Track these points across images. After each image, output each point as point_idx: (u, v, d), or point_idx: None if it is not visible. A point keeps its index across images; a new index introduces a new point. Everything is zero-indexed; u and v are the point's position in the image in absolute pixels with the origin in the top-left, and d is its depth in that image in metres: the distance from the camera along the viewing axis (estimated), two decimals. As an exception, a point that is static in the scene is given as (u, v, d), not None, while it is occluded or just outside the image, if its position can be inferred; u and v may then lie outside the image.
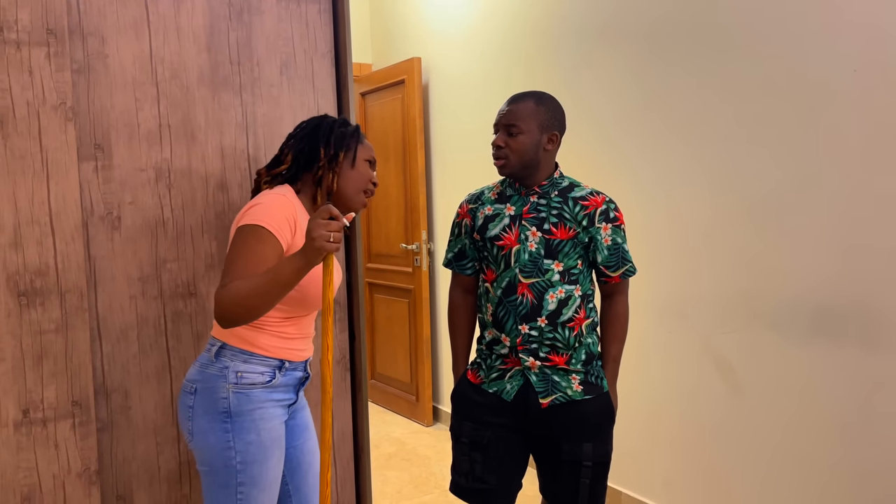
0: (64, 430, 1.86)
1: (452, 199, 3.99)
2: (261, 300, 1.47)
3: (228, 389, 1.62)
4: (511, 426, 1.92)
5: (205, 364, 1.66)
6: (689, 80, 2.57)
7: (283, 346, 1.69)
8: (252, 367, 1.65)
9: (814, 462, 2.25)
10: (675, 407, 2.71)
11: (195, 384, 1.65)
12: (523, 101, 1.88)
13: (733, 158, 2.44)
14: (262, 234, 1.57)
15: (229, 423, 1.61)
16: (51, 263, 1.84)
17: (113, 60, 1.92)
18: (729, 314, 2.48)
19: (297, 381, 1.75)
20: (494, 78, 3.59)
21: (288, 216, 1.61)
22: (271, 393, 1.67)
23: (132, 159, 1.95)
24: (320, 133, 1.74)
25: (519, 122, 1.85)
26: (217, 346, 1.66)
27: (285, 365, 1.70)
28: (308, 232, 1.44)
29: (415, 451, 3.81)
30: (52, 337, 1.84)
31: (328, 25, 2.22)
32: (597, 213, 1.89)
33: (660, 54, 2.67)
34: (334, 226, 1.43)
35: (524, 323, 1.86)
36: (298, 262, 1.46)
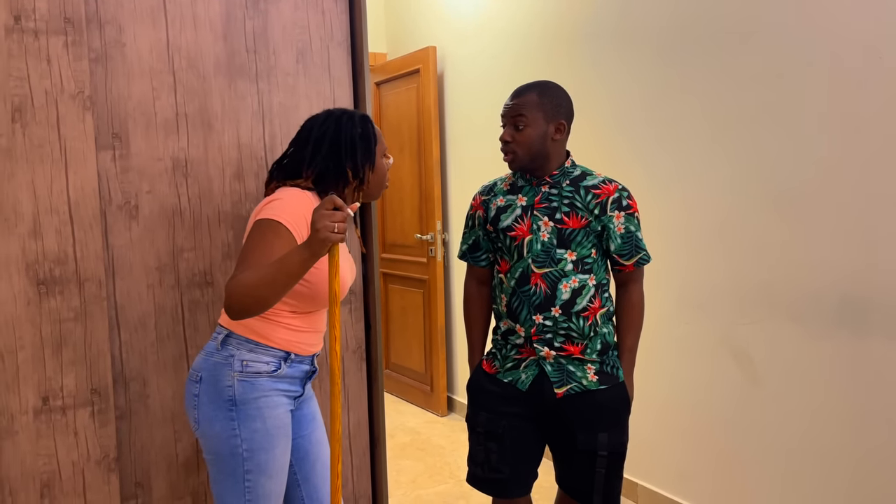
0: (83, 417, 1.87)
1: (467, 190, 3.97)
2: (268, 290, 1.47)
3: (233, 377, 1.63)
4: (526, 416, 1.91)
5: (210, 352, 1.67)
6: (709, 67, 2.54)
7: (291, 338, 1.69)
8: (257, 357, 1.65)
9: (834, 456, 2.23)
10: (693, 398, 2.69)
11: (200, 372, 1.66)
12: (527, 94, 1.87)
13: (753, 147, 2.40)
14: (279, 229, 1.57)
15: (234, 411, 1.62)
16: (69, 252, 1.84)
17: (130, 49, 1.92)
18: (747, 305, 2.45)
19: (303, 374, 1.74)
20: (511, 66, 3.56)
21: (306, 214, 1.61)
22: (276, 383, 1.67)
23: (149, 148, 1.95)
24: (343, 151, 1.70)
25: (524, 114, 1.84)
26: (223, 334, 1.66)
27: (291, 357, 1.69)
28: (312, 223, 1.43)
29: (429, 440, 3.81)
30: (71, 325, 1.85)
31: (344, 13, 2.21)
32: (609, 201, 1.87)
33: (680, 41, 2.64)
34: (338, 216, 1.43)
35: (538, 313, 1.85)
36: (304, 253, 1.45)
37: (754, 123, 2.40)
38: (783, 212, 2.32)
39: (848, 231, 2.16)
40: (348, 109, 1.77)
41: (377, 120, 4.57)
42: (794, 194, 2.29)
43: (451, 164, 4.14)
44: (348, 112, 1.75)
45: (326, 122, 1.72)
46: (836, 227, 2.18)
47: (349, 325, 2.26)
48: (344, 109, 1.76)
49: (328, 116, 1.74)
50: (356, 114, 1.76)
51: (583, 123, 2.90)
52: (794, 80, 2.27)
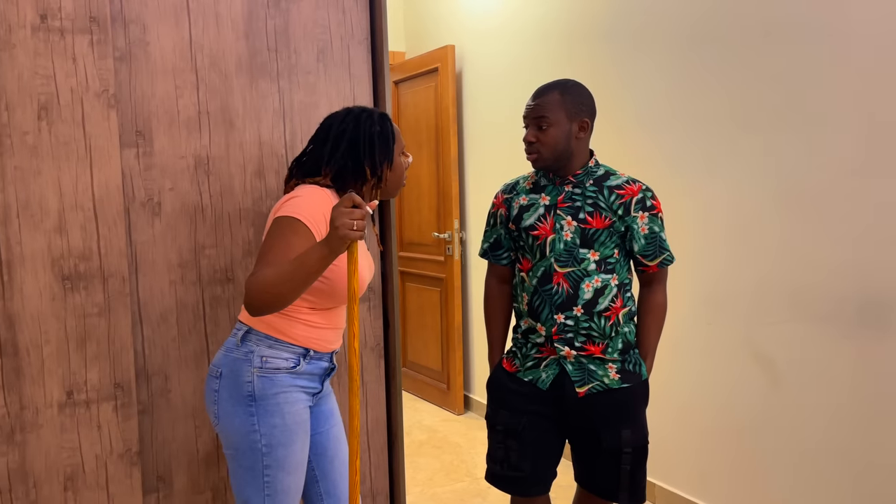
0: (106, 411, 1.90)
1: (485, 188, 3.98)
2: (287, 287, 1.48)
3: (253, 373, 1.64)
4: (546, 414, 1.91)
5: (230, 348, 1.68)
6: (732, 65, 2.52)
7: (310, 335, 1.70)
8: (277, 353, 1.66)
9: (855, 459, 2.21)
10: (713, 399, 2.67)
11: (220, 368, 1.67)
12: (549, 94, 1.86)
13: (777, 146, 2.39)
14: (298, 226, 1.58)
15: (254, 406, 1.63)
16: (94, 248, 1.87)
17: (154, 48, 1.94)
18: (769, 306, 2.43)
19: (322, 371, 1.75)
20: (531, 65, 3.56)
21: (325, 211, 1.62)
22: (295, 379, 1.68)
23: (172, 146, 1.97)
24: (362, 149, 1.70)
25: (547, 114, 1.84)
26: (243, 330, 1.68)
27: (310, 353, 1.70)
28: (331, 220, 1.44)
29: (446, 439, 3.82)
30: (95, 320, 1.88)
31: (364, 12, 2.22)
32: (633, 201, 1.87)
33: (702, 38, 2.62)
34: (357, 213, 1.43)
35: (560, 312, 1.85)
36: (323, 251, 1.46)
37: (778, 122, 2.38)
38: (806, 212, 2.31)
39: (871, 231, 2.13)
40: (368, 108, 1.77)
41: (395, 119, 4.58)
42: (818, 194, 2.27)
43: (468, 162, 4.14)
44: (368, 110, 1.76)
45: (346, 120, 1.73)
46: (859, 228, 2.16)
47: (368, 322, 2.27)
48: (363, 108, 1.77)
49: (348, 114, 1.74)
50: (375, 112, 1.76)
51: (603, 122, 2.89)
52: (820, 78, 2.25)
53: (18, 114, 1.77)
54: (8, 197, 1.77)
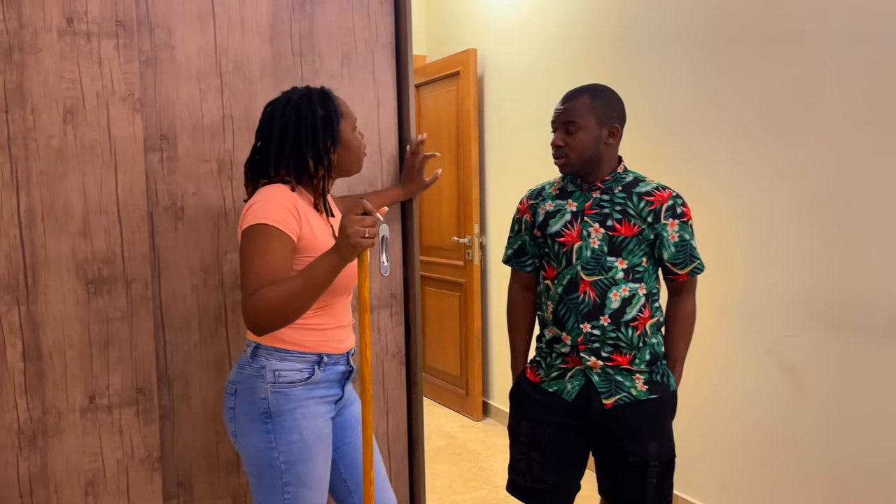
0: (128, 416, 1.89)
1: (506, 193, 3.95)
2: (297, 303, 1.44)
3: (267, 389, 1.60)
4: (571, 426, 1.88)
5: (242, 365, 1.65)
6: (759, 70, 2.47)
7: (319, 339, 1.66)
8: (289, 365, 1.62)
9: (883, 472, 2.16)
10: (736, 410, 2.62)
11: (235, 385, 1.65)
12: (579, 97, 1.84)
13: (803, 153, 2.34)
14: (268, 231, 1.51)
15: (270, 423, 1.60)
16: (117, 252, 1.86)
17: (179, 52, 1.93)
18: (796, 315, 2.38)
19: (339, 375, 1.71)
20: (554, 70, 3.53)
21: (288, 205, 1.55)
22: (312, 390, 1.65)
23: (196, 150, 1.97)
24: (304, 139, 1.62)
25: (576, 118, 1.81)
26: (252, 346, 1.65)
27: (324, 359, 1.66)
28: (342, 228, 1.40)
29: (464, 445, 3.79)
30: (118, 325, 1.87)
31: (389, 16, 2.20)
32: (663, 208, 1.84)
33: (729, 44, 2.58)
34: (368, 221, 1.40)
35: (586, 321, 1.82)
36: (332, 260, 1.43)
37: (804, 128, 2.33)
38: (833, 219, 2.26)
39: (906, 241, 2.08)
40: (307, 90, 1.67)
41: (416, 122, 4.56)
42: (845, 201, 2.22)
43: (489, 166, 4.12)
44: (307, 94, 1.66)
45: (286, 111, 1.64)
46: (887, 236, 2.11)
47: (389, 328, 2.25)
48: (303, 91, 1.67)
49: (287, 102, 1.65)
50: (314, 92, 1.66)
51: (631, 128, 2.85)
52: (849, 83, 2.20)
53: (44, 117, 1.77)
54: (33, 200, 1.77)
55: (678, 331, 1.92)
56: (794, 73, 2.36)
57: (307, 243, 1.59)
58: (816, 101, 2.30)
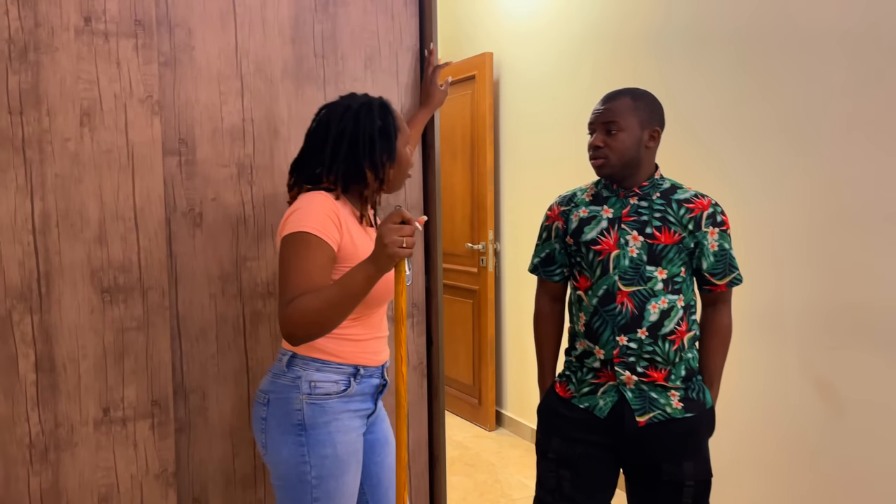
0: (143, 429, 1.83)
1: (521, 199, 3.88)
2: (333, 313, 1.40)
3: (302, 400, 1.55)
4: (602, 444, 1.80)
5: (277, 374, 1.60)
6: (793, 78, 2.41)
7: (356, 350, 1.61)
8: (326, 376, 1.57)
9: (925, 493, 2.08)
10: (769, 427, 2.55)
11: (268, 395, 1.59)
12: (620, 98, 1.78)
13: (841, 160, 2.27)
14: (310, 239, 1.47)
15: (304, 436, 1.54)
16: (134, 260, 1.80)
17: (199, 53, 1.87)
18: (832, 328, 2.31)
19: (373, 388, 1.67)
20: (573, 74, 3.46)
21: (330, 213, 1.51)
22: (347, 403, 1.60)
23: (215, 155, 1.90)
24: (361, 149, 1.57)
25: (618, 118, 1.75)
26: (288, 355, 1.59)
27: (360, 371, 1.62)
28: (379, 237, 1.35)
29: (478, 456, 3.72)
30: (133, 335, 1.81)
31: (414, 18, 2.14)
32: (703, 216, 1.77)
33: (759, 50, 2.51)
34: (407, 230, 1.35)
35: (623, 334, 1.75)
36: (369, 270, 1.38)
37: (842, 135, 2.26)
38: (872, 229, 2.18)
39: (948, 254, 2.01)
40: (367, 99, 1.62)
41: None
42: (885, 211, 2.15)
43: (504, 172, 4.05)
44: (367, 103, 1.61)
45: (345, 118, 1.59)
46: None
47: (410, 339, 2.19)
48: (363, 100, 1.62)
49: (346, 110, 1.60)
50: (375, 102, 1.62)
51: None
52: (888, 91, 2.13)
53: (60, 120, 1.71)
54: (48, 206, 1.71)
55: (715, 344, 1.85)
56: (823, 84, 2.29)
57: (347, 253, 1.54)
58: (858, 109, 2.23)
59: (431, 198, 2.18)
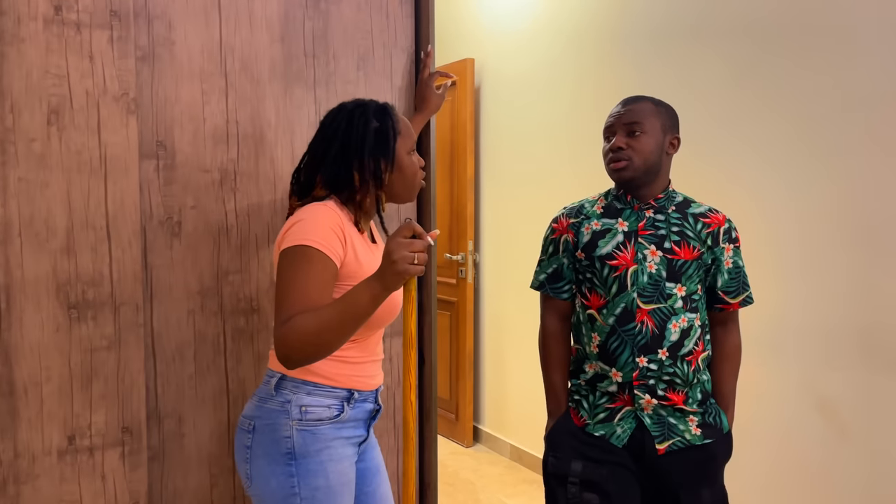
0: (112, 459, 1.66)
1: (502, 209, 3.78)
2: (334, 335, 1.27)
3: (292, 427, 1.42)
4: (626, 465, 1.69)
5: (264, 398, 1.47)
6: (801, 86, 2.35)
7: (350, 373, 1.49)
8: (318, 401, 1.45)
9: (931, 518, 2.03)
10: (768, 450, 2.48)
11: (253, 421, 1.45)
12: (642, 101, 1.70)
13: (852, 175, 2.21)
14: (311, 253, 1.35)
15: (294, 465, 1.41)
16: (105, 273, 1.64)
17: (180, 48, 1.73)
18: (836, 349, 2.25)
19: (367, 414, 1.55)
20: (556, 82, 3.38)
21: (334, 226, 1.40)
22: (340, 429, 1.47)
23: (196, 159, 1.75)
24: (351, 151, 1.47)
25: (642, 120, 1.66)
26: (276, 377, 1.46)
27: (354, 396, 1.50)
28: (387, 253, 1.23)
29: (457, 474, 3.59)
30: (103, 355, 1.64)
31: (409, 17, 2.02)
32: (720, 231, 1.70)
33: (761, 57, 2.46)
34: (418, 245, 1.23)
35: (643, 355, 1.65)
36: (375, 289, 1.25)
37: (852, 150, 2.21)
38: (881, 247, 2.13)
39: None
40: (364, 100, 1.52)
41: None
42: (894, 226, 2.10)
43: (485, 181, 3.95)
44: (362, 104, 1.51)
45: (337, 119, 1.49)
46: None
47: (401, 358, 2.06)
48: (359, 101, 1.52)
49: (340, 111, 1.51)
50: (372, 105, 1.51)
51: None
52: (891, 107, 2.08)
53: (25, 118, 1.55)
54: (10, 212, 1.54)
55: (729, 366, 1.77)
56: (836, 93, 2.24)
57: (350, 271, 1.42)
58: (873, 122, 2.18)
59: (426, 208, 2.06)
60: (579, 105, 3.24)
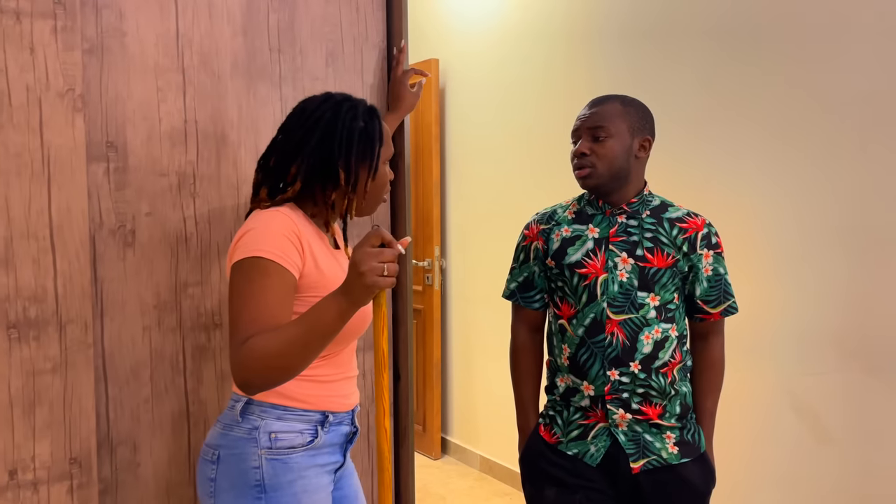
0: (59, 494, 1.50)
1: (468, 213, 3.68)
2: (298, 357, 1.14)
3: (261, 456, 1.30)
4: (602, 489, 1.61)
5: (229, 425, 1.34)
6: (774, 85, 2.31)
7: (323, 393, 1.37)
8: (289, 426, 1.33)
9: (918, 526, 2.00)
10: (744, 457, 2.43)
11: (217, 450, 1.32)
12: (609, 103, 1.61)
13: (832, 175, 2.17)
14: (265, 265, 1.23)
15: (264, 498, 1.29)
16: (49, 287, 1.48)
17: (132, 40, 1.58)
18: (815, 354, 2.21)
19: (343, 438, 1.43)
20: (522, 83, 3.30)
21: (288, 234, 1.27)
22: (314, 457, 1.35)
23: (151, 161, 1.61)
24: (336, 145, 1.34)
25: (606, 123, 1.58)
26: (242, 402, 1.34)
27: (329, 418, 1.38)
28: (354, 265, 1.10)
29: (426, 489, 3.47)
30: (47, 379, 1.48)
31: (381, 10, 1.91)
32: (698, 237, 1.62)
33: (733, 55, 2.41)
34: (387, 255, 1.11)
35: (614, 368, 1.57)
36: (342, 304, 1.12)
37: (828, 151, 2.17)
38: (861, 247, 2.10)
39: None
40: (354, 97, 1.42)
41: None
42: (877, 228, 2.06)
43: (451, 185, 3.85)
44: (352, 100, 1.40)
45: (322, 107, 1.37)
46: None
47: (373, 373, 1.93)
48: (348, 95, 1.42)
49: (326, 100, 1.39)
50: (362, 104, 1.40)
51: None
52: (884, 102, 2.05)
53: (-44, 115, 1.38)
54: (-62, 221, 1.37)
55: (709, 379, 1.69)
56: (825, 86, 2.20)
57: (311, 281, 1.30)
58: (855, 123, 2.14)
59: (401, 213, 1.94)
60: (548, 106, 3.16)
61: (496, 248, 3.48)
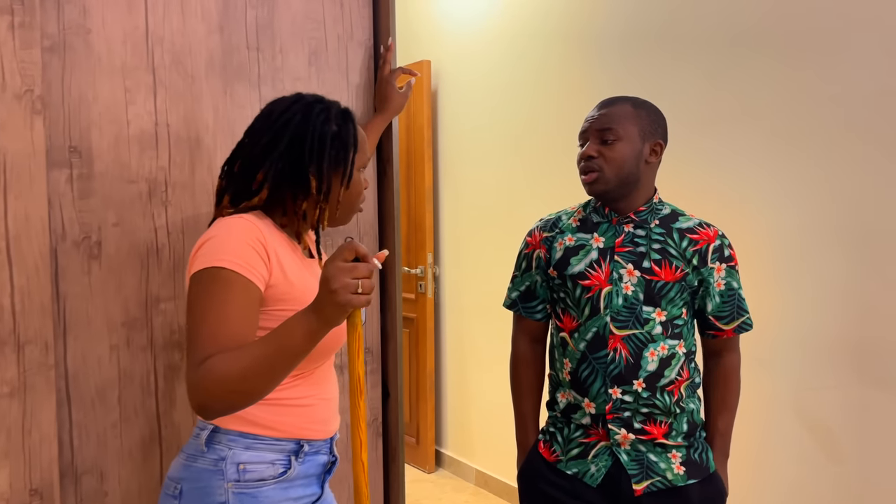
0: (17, 529, 1.38)
1: (463, 218, 3.58)
2: (262, 379, 1.03)
3: (227, 490, 1.19)
4: None
5: (193, 455, 1.22)
6: (777, 84, 2.21)
7: (298, 420, 1.26)
8: (259, 456, 1.22)
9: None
10: (751, 473, 2.32)
11: (180, 483, 1.21)
12: (619, 104, 1.52)
13: (838, 174, 2.07)
14: (227, 277, 1.13)
15: None
16: (6, 304, 1.36)
17: (97, 37, 1.47)
18: (825, 364, 2.11)
19: (320, 468, 1.32)
20: (516, 84, 3.20)
21: (252, 242, 1.17)
22: (287, 489, 1.24)
23: (119, 168, 1.49)
24: (307, 150, 1.24)
25: (616, 126, 1.49)
26: (208, 430, 1.22)
27: (304, 448, 1.27)
28: (325, 281, 0.99)
29: (419, 503, 3.36)
30: (4, 404, 1.36)
31: (366, 7, 1.80)
32: (710, 249, 1.52)
33: (731, 56, 2.31)
34: (362, 270, 0.99)
35: (616, 386, 1.47)
36: (312, 324, 1.02)
37: (835, 155, 2.07)
38: (874, 253, 2.00)
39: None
40: (326, 99, 1.32)
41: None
42: (889, 233, 1.96)
43: (444, 190, 3.74)
44: (324, 102, 1.30)
45: (292, 109, 1.27)
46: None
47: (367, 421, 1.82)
48: (319, 97, 1.31)
49: (297, 101, 1.29)
50: (335, 106, 1.30)
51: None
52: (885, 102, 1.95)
53: None
54: None
55: (722, 400, 1.59)
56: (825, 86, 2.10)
57: (279, 293, 1.19)
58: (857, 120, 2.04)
59: (388, 221, 1.84)
60: (544, 109, 3.06)
61: (491, 255, 3.37)
